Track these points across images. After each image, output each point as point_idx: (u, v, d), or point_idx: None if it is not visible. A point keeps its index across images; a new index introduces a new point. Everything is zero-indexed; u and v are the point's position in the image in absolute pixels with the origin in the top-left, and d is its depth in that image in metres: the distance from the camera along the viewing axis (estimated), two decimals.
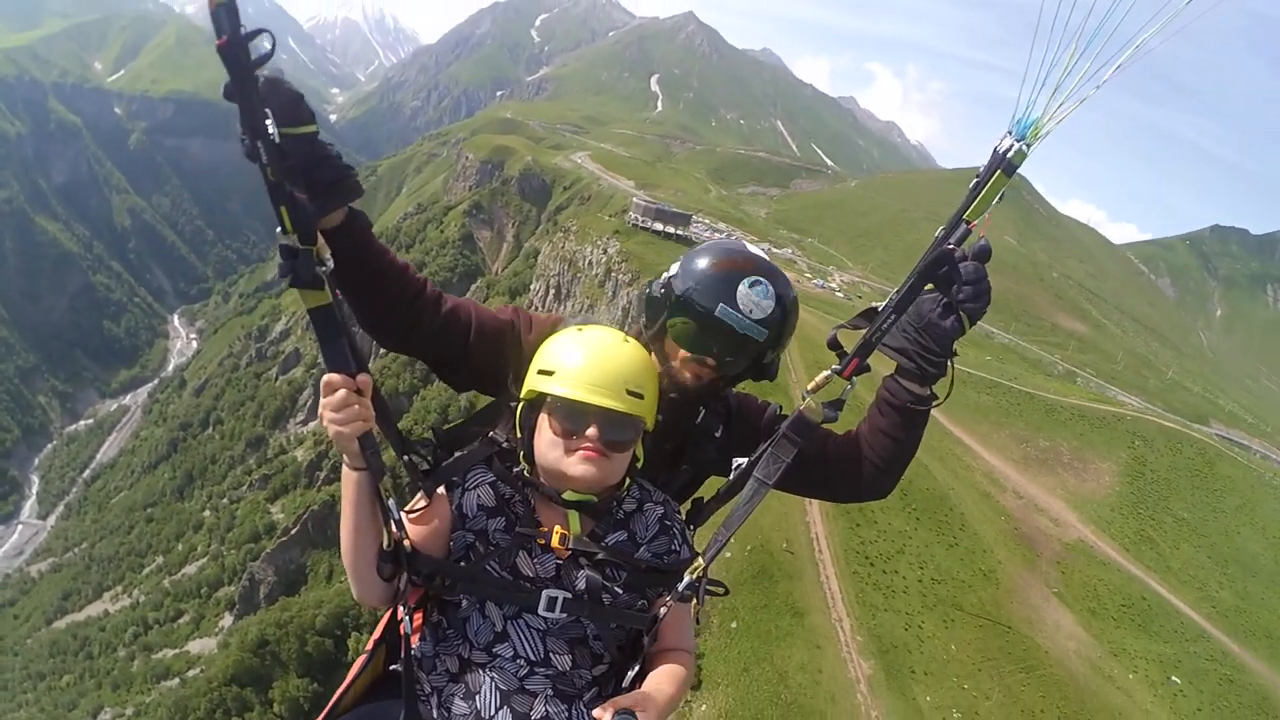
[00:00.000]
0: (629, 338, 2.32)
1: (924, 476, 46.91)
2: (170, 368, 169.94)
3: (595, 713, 1.90)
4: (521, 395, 2.25)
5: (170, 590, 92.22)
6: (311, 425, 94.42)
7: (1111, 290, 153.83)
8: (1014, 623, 39.50)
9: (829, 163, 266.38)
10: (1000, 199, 2.01)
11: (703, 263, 2.42)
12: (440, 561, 2.17)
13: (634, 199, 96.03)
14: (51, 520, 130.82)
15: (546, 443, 2.17)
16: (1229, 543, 57.38)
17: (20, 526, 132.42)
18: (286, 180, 1.69)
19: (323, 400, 1.93)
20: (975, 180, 2.00)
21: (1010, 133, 1.93)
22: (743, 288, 2.34)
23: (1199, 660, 44.39)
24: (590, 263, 77.85)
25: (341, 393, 1.91)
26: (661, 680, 2.19)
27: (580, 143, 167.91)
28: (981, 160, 1.98)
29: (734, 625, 35.71)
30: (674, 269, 2.48)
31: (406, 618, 2.11)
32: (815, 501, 41.17)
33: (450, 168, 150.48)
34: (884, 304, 2.21)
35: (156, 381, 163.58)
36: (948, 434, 56.98)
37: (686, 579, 2.26)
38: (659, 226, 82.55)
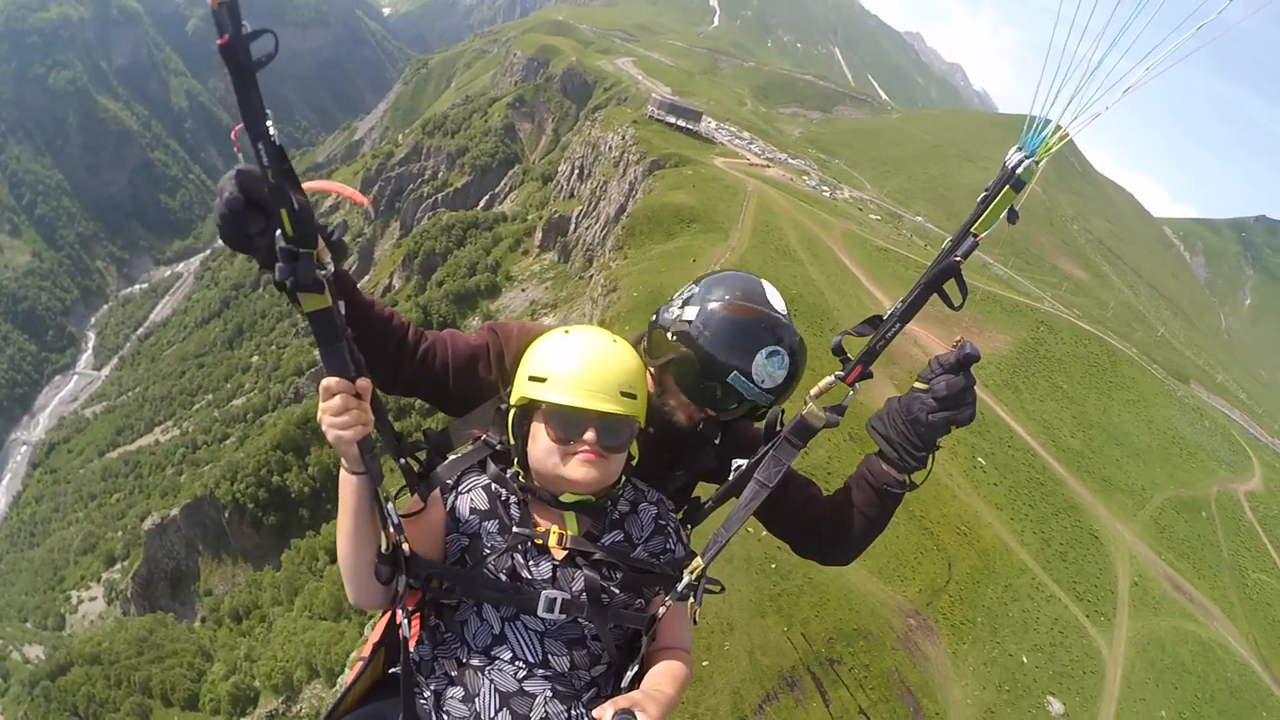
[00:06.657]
0: (616, 338, 2.30)
1: (813, 293, 47.81)
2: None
3: (595, 713, 1.88)
4: (512, 402, 2.24)
5: (219, 418, 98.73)
6: (360, 282, 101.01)
7: (1132, 253, 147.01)
8: None
9: (883, 95, 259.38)
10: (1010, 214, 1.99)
11: (722, 314, 2.37)
12: (437, 564, 2.17)
13: (653, 94, 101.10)
14: (106, 371, 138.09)
15: (543, 449, 2.17)
16: (1103, 417, 54.78)
17: (75, 376, 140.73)
18: (286, 183, 1.62)
19: (321, 405, 1.88)
20: (983, 194, 1.98)
21: (1020, 148, 1.89)
22: (760, 359, 2.32)
23: (1015, 462, 43.72)
24: (610, 146, 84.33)
25: (341, 397, 1.85)
26: (660, 679, 2.18)
27: (628, 49, 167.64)
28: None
29: None
30: (691, 311, 2.42)
31: (405, 621, 2.11)
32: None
33: (499, 64, 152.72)
34: (889, 312, 2.18)
35: (209, 251, 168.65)
36: (857, 282, 57.16)
37: (685, 579, 2.27)
38: (672, 120, 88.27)
